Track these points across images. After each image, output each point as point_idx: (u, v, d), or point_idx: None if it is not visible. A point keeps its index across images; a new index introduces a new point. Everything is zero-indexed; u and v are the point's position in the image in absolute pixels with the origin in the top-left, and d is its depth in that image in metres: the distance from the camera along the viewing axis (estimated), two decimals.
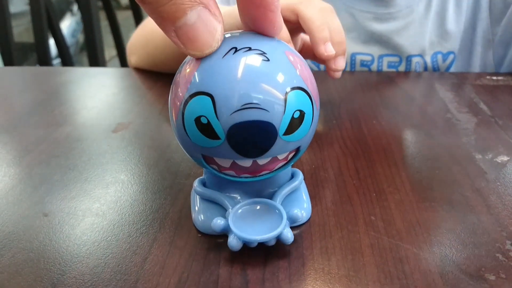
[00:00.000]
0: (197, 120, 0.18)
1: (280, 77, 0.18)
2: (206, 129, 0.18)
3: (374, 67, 0.49)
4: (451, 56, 0.49)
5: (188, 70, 0.19)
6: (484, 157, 0.30)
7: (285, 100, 0.18)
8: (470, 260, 0.20)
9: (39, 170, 0.28)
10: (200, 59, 0.19)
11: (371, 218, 0.23)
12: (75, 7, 2.05)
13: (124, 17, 1.67)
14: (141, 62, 0.47)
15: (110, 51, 1.57)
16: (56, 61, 1.72)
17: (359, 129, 0.35)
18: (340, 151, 0.31)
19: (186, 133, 0.19)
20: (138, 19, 1.40)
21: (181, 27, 0.16)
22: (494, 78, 0.45)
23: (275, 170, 0.21)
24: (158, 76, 0.46)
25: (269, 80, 0.18)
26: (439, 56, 0.49)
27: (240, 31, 0.21)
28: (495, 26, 0.47)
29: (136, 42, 0.48)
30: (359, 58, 0.49)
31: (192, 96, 0.18)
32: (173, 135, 0.31)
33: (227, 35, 0.20)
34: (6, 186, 0.26)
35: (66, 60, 1.23)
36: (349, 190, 0.26)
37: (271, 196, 0.23)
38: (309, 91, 0.19)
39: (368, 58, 0.49)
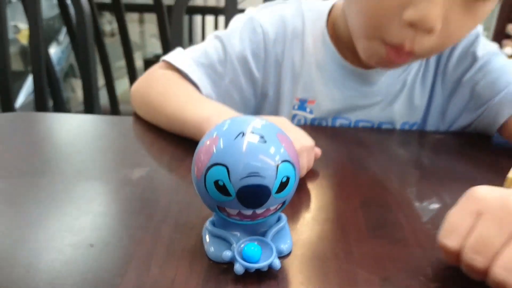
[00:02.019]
0: (216, 182, 0.27)
1: (273, 154, 0.27)
2: (222, 189, 0.27)
3: None
4: (415, 126, 0.60)
5: (209, 145, 0.28)
6: (421, 204, 0.39)
7: (277, 170, 0.27)
8: (403, 281, 0.29)
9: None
10: (218, 139, 0.27)
11: (336, 251, 0.32)
12: (61, 36, 2.13)
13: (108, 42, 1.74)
14: (143, 117, 0.55)
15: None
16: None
17: (328, 179, 0.44)
18: (314, 199, 0.40)
19: (207, 190, 0.28)
20: (126, 47, 1.46)
21: None
22: (437, 136, 0.55)
23: (267, 216, 0.29)
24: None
25: (265, 156, 0.27)
26: (406, 126, 0.60)
27: (249, 116, 0.30)
28: (448, 102, 0.58)
29: (138, 103, 0.55)
30: (339, 121, 0.59)
31: (213, 165, 0.27)
32: (181, 185, 0.40)
33: (238, 119, 0.29)
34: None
35: (56, 91, 1.28)
36: (321, 230, 0.35)
37: (263, 234, 0.31)
38: (293, 162, 0.28)
39: (347, 122, 0.59)
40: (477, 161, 0.49)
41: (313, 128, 0.59)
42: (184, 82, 0.54)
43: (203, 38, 2.69)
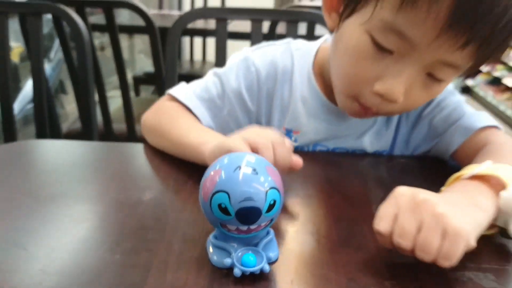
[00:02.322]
0: (219, 205, 0.35)
1: (263, 182, 0.36)
2: (224, 210, 0.35)
3: None
4: (384, 152, 0.69)
5: (213, 176, 0.36)
6: None
7: (266, 195, 0.35)
8: (364, 281, 0.37)
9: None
10: (221, 171, 0.36)
11: (314, 258, 0.40)
12: (52, 53, 2.19)
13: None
14: (151, 143, 0.63)
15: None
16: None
17: (308, 199, 0.52)
18: (296, 216, 0.48)
19: (212, 211, 0.36)
20: (119, 68, 1.53)
21: None
22: (402, 160, 0.64)
23: (259, 231, 0.38)
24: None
25: (257, 184, 0.35)
26: (376, 153, 0.69)
27: (244, 153, 0.38)
28: (411, 133, 0.67)
29: (147, 131, 0.63)
30: (318, 147, 0.68)
31: (217, 192, 0.35)
32: (186, 205, 0.47)
33: (236, 155, 0.37)
34: None
35: (50, 108, 1.34)
36: (302, 241, 0.43)
37: (256, 245, 0.39)
38: (278, 189, 0.37)
39: (325, 149, 0.68)
40: (434, 180, 0.58)
41: (296, 152, 0.67)
42: (188, 114, 0.62)
43: (191, 57, 2.78)
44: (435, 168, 0.63)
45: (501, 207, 0.41)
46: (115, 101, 1.94)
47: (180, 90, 0.65)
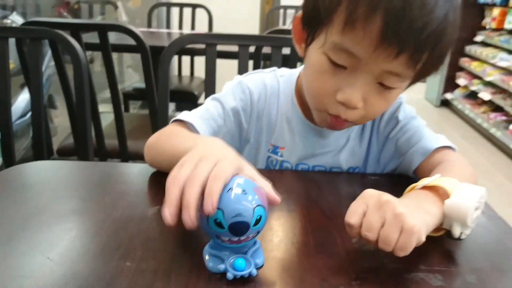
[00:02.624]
0: (215, 220, 0.43)
1: (251, 200, 0.44)
2: (219, 224, 0.43)
3: None
4: (357, 169, 0.78)
5: None
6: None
7: (253, 211, 0.43)
8: (336, 281, 0.45)
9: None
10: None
11: (293, 263, 0.48)
12: (42, 69, 2.23)
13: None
14: (151, 164, 0.70)
15: None
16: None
17: (290, 213, 0.60)
18: (279, 228, 0.56)
19: (209, 225, 0.44)
20: (112, 87, 1.59)
21: None
22: (374, 177, 0.73)
23: (248, 241, 0.45)
24: None
25: (246, 202, 0.43)
26: (351, 169, 0.77)
27: (234, 177, 0.46)
28: (380, 152, 0.77)
29: (147, 152, 0.69)
30: (300, 166, 0.77)
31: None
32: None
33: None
34: None
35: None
36: (284, 249, 0.51)
37: (245, 253, 0.47)
38: (264, 206, 0.44)
39: (306, 166, 0.76)
40: (401, 194, 0.67)
41: (281, 172, 0.76)
42: (188, 131, 0.68)
43: (179, 73, 2.86)
44: (402, 184, 0.71)
45: (446, 213, 0.51)
46: (104, 116, 2.00)
47: (183, 114, 0.72)
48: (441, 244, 0.54)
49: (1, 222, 0.53)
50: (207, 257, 0.47)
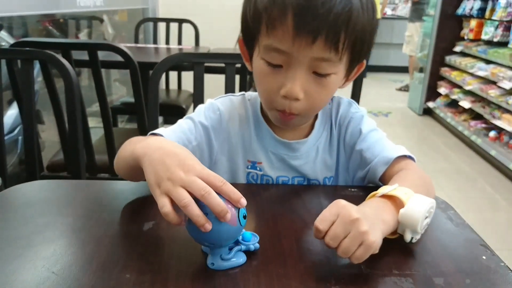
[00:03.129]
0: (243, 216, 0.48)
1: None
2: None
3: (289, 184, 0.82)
4: (332, 178, 0.83)
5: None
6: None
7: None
8: (315, 284, 0.50)
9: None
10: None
11: (278, 268, 0.53)
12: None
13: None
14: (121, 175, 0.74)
15: None
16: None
17: (275, 225, 0.65)
18: (265, 237, 0.61)
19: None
20: (102, 103, 1.62)
21: None
22: (352, 190, 0.79)
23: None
24: None
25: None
26: (326, 180, 0.83)
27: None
28: (348, 162, 0.82)
29: (116, 166, 0.73)
30: (281, 179, 0.82)
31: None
32: (178, 231, 0.59)
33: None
34: None
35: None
36: (271, 256, 0.56)
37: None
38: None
39: (286, 178, 0.82)
40: None
41: (263, 186, 0.81)
42: (143, 136, 0.72)
43: (167, 86, 2.90)
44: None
45: (400, 220, 0.58)
46: (93, 131, 2.03)
47: (158, 129, 0.76)
48: (412, 250, 0.59)
49: (7, 240, 0.57)
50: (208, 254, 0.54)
